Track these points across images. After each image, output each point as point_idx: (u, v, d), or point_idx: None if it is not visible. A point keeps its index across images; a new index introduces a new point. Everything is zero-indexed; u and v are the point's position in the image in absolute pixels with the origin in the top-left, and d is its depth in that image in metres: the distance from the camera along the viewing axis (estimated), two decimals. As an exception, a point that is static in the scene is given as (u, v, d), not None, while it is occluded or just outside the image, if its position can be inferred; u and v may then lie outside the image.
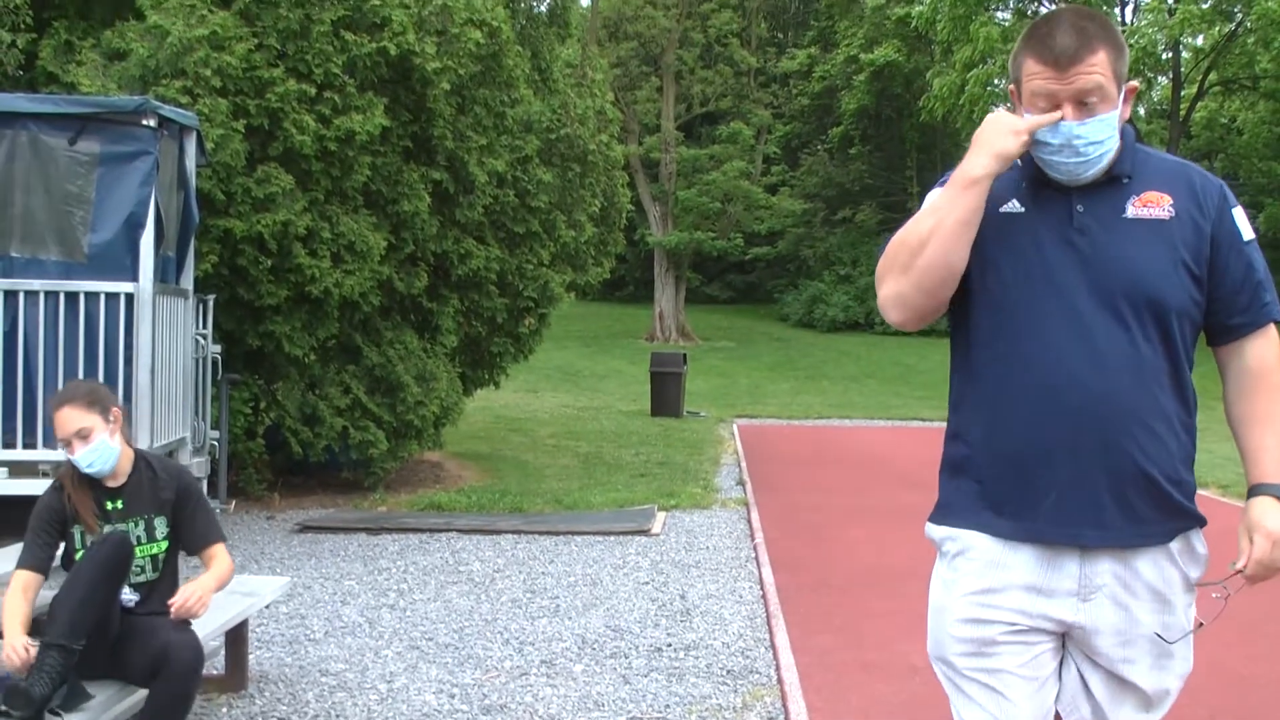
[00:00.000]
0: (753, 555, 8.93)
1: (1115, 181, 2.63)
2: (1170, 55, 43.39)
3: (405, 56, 10.01)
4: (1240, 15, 38.63)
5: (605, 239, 15.49)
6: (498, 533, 9.57)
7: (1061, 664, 2.71)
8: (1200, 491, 9.56)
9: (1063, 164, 2.59)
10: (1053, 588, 2.62)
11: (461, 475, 12.92)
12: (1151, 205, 2.60)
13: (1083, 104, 2.56)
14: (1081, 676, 2.69)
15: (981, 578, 2.67)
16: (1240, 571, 2.67)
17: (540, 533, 9.61)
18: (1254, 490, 2.67)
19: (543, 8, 14.07)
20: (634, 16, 42.87)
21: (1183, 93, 46.65)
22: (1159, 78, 49.50)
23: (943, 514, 2.78)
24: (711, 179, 41.49)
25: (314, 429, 10.41)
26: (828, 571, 8.41)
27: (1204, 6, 37.37)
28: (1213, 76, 46.69)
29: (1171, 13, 38.19)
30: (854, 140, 49.68)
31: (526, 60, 12.42)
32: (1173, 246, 2.57)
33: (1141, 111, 55.41)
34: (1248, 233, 2.64)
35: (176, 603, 4.16)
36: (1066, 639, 2.69)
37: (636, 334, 41.27)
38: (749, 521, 10.40)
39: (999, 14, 42.20)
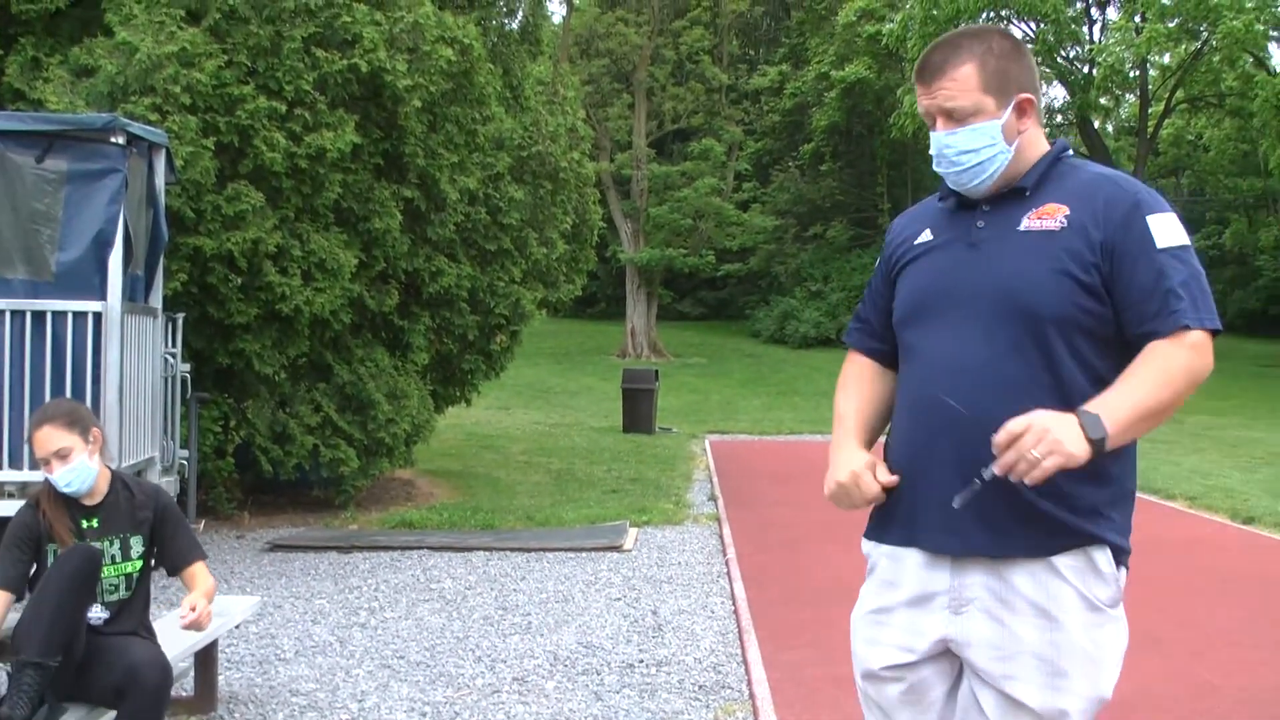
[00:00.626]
0: (725, 570, 8.94)
1: (1019, 195, 2.70)
2: (1138, 73, 43.69)
3: (376, 74, 10.00)
4: (1206, 34, 38.93)
5: (577, 256, 15.50)
6: (469, 550, 9.55)
7: (958, 681, 2.72)
8: (1167, 503, 9.65)
9: (945, 174, 2.76)
10: (931, 596, 2.68)
11: (433, 493, 12.90)
12: (1045, 217, 2.64)
13: (950, 116, 2.67)
14: (974, 694, 2.66)
15: (879, 596, 2.81)
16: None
17: (512, 549, 9.59)
18: None
19: (514, 25, 14.07)
20: (606, 34, 42.95)
21: (1150, 110, 46.99)
22: (1127, 95, 49.89)
23: (866, 528, 2.92)
24: (683, 196, 41.55)
25: (284, 447, 10.36)
26: (800, 586, 8.42)
27: (1170, 26, 37.67)
28: (1179, 94, 47.06)
29: (1139, 31, 38.47)
30: (825, 157, 49.87)
31: (498, 78, 12.42)
32: (1055, 256, 2.58)
33: (1110, 129, 55.81)
34: (1166, 240, 2.55)
35: (187, 619, 4.15)
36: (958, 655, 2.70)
37: (608, 351, 41.27)
38: (721, 537, 10.40)
39: (969, 31, 42.21)
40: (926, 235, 2.83)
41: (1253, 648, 6.92)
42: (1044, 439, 2.39)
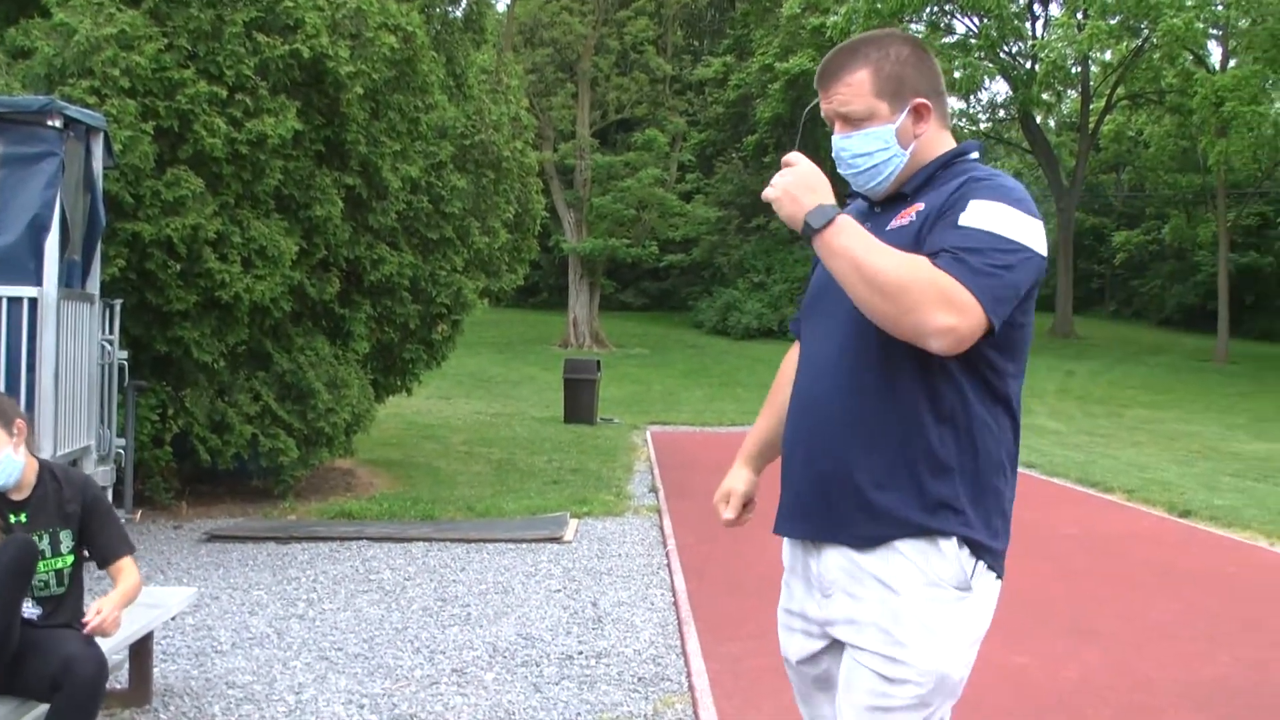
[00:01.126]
0: (665, 562, 8.96)
1: (902, 199, 2.76)
2: (1079, 69, 44.11)
3: (318, 60, 9.92)
4: (1146, 31, 39.39)
5: (519, 245, 15.46)
6: (409, 540, 9.51)
7: None
8: (1105, 496, 9.74)
9: (845, 176, 2.83)
10: (809, 582, 2.84)
11: (373, 483, 12.83)
12: (907, 216, 2.69)
13: (846, 119, 2.76)
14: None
15: (787, 587, 2.99)
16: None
17: (452, 540, 9.56)
18: None
19: (458, 13, 14.00)
20: (550, 23, 42.82)
21: (1091, 106, 47.51)
22: (1069, 91, 50.34)
23: None
24: (626, 186, 41.51)
25: (223, 436, 10.27)
26: (740, 578, 8.44)
27: (1112, 23, 38.07)
28: (1120, 91, 47.63)
29: (1081, 28, 38.82)
30: (768, 148, 49.93)
31: (441, 66, 12.35)
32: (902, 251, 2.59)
33: (1052, 124, 56.32)
34: (972, 221, 2.53)
35: (91, 623, 4.08)
36: None
37: (550, 340, 41.22)
38: (661, 528, 10.42)
39: (913, 25, 42.66)
40: None
41: (1189, 640, 7.01)
42: (788, 179, 2.66)
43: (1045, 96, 45.17)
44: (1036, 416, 24.20)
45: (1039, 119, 49.63)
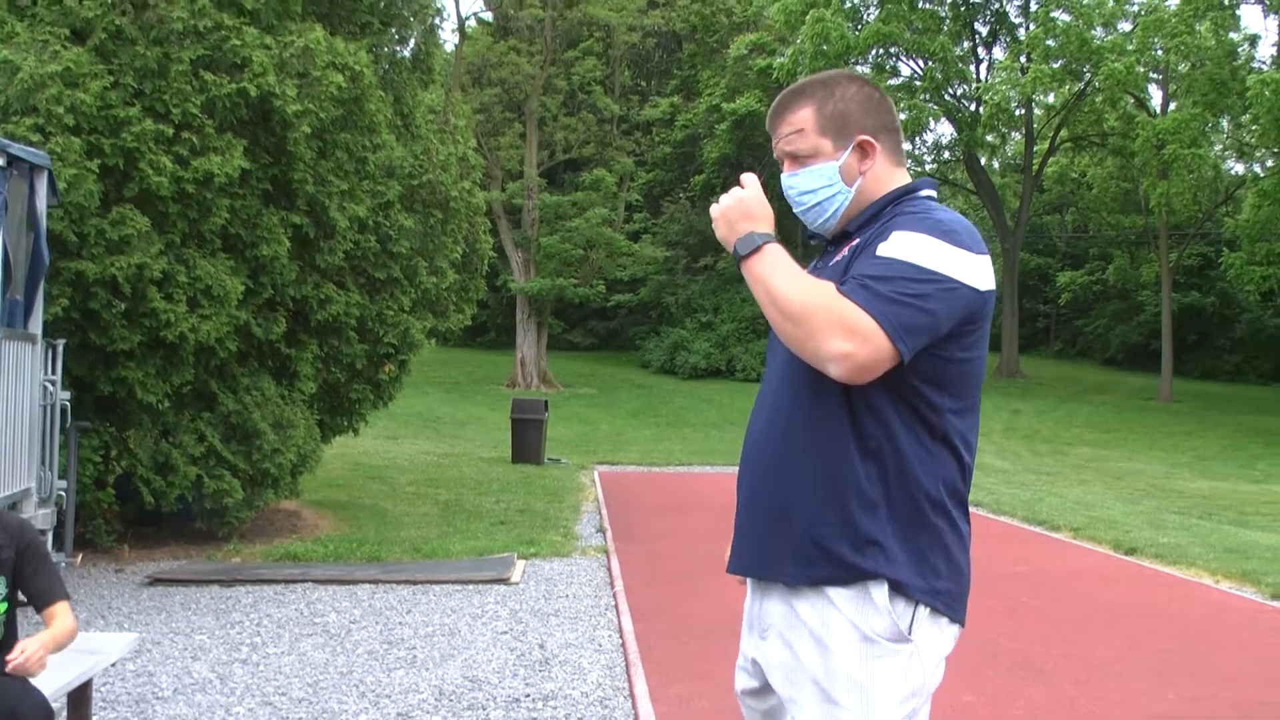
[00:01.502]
0: (612, 603, 8.91)
1: (846, 237, 2.79)
2: (1023, 112, 44.65)
3: (265, 98, 9.88)
4: (1089, 75, 39.95)
5: (467, 285, 15.42)
6: (354, 583, 9.43)
7: None
8: (1052, 535, 9.81)
9: (797, 214, 2.84)
10: (751, 621, 2.83)
11: (319, 524, 12.72)
12: (840, 253, 2.73)
13: (793, 158, 2.81)
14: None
15: (744, 621, 2.91)
16: None
17: (398, 582, 9.49)
18: None
19: (406, 53, 13.98)
20: (498, 63, 42.92)
21: (1035, 148, 48.05)
22: (1013, 133, 50.94)
23: None
24: (574, 226, 41.56)
25: (167, 478, 10.15)
26: (687, 620, 8.41)
27: (1054, 66, 38.63)
28: (1064, 133, 48.21)
29: (1024, 71, 39.33)
30: (715, 188, 50.15)
31: (389, 105, 12.32)
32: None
33: (996, 165, 56.92)
34: (891, 251, 2.54)
35: (14, 660, 3.99)
36: None
37: (498, 380, 41.13)
38: (609, 569, 10.37)
39: (859, 67, 43.09)
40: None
41: (1133, 677, 7.05)
42: (729, 202, 2.72)
43: (989, 138, 45.74)
44: (983, 455, 24.33)
45: (983, 160, 50.13)
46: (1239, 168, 46.18)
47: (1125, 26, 40.49)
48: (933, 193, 2.81)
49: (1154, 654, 7.71)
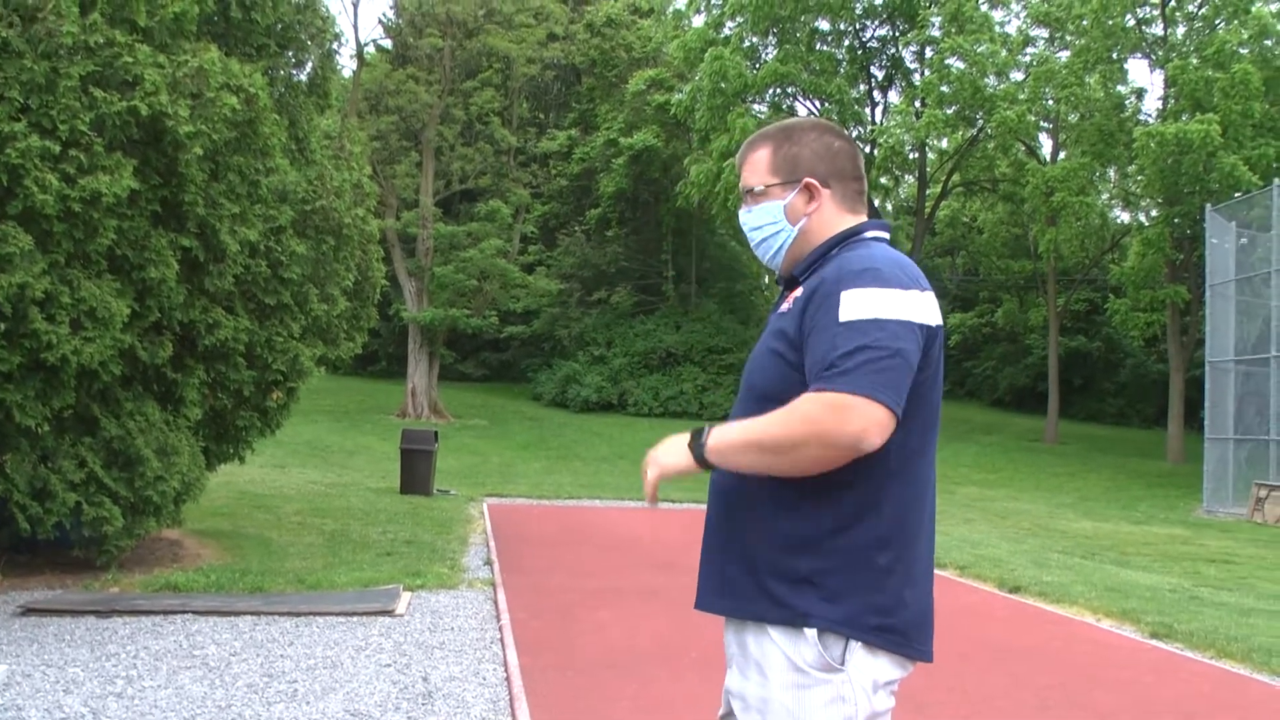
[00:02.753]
0: (498, 636, 8.83)
1: (795, 283, 2.88)
2: (917, 156, 45.36)
3: (157, 118, 9.70)
4: (981, 122, 40.70)
5: (358, 313, 15.25)
6: (236, 614, 9.24)
7: None
8: (938, 572, 9.87)
9: (751, 249, 3.06)
10: (728, 652, 2.90)
11: (201, 554, 12.47)
12: (789, 302, 2.83)
13: (749, 194, 2.98)
14: None
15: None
16: None
17: (281, 614, 9.32)
18: None
19: (302, 77, 13.84)
20: (396, 90, 42.71)
21: (928, 191, 48.82)
22: (906, 176, 51.71)
23: None
24: (469, 256, 41.41)
25: (44, 504, 9.87)
26: (573, 654, 8.35)
27: (948, 112, 39.25)
28: (956, 178, 49.08)
29: (919, 116, 39.95)
30: (611, 222, 50.48)
31: (283, 129, 12.17)
32: (777, 337, 2.79)
33: (890, 207, 57.73)
34: (851, 313, 2.61)
35: None
36: None
37: (388, 410, 40.79)
38: (495, 602, 10.28)
39: (756, 106, 43.53)
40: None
41: (1015, 713, 7.14)
42: (653, 455, 2.85)
43: (883, 180, 46.32)
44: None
45: (877, 202, 50.77)
46: (1125, 216, 47.24)
47: (1017, 76, 41.29)
48: (881, 234, 2.90)
49: (1036, 691, 7.79)
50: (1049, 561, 14.65)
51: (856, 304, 2.61)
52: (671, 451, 2.81)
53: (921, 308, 2.67)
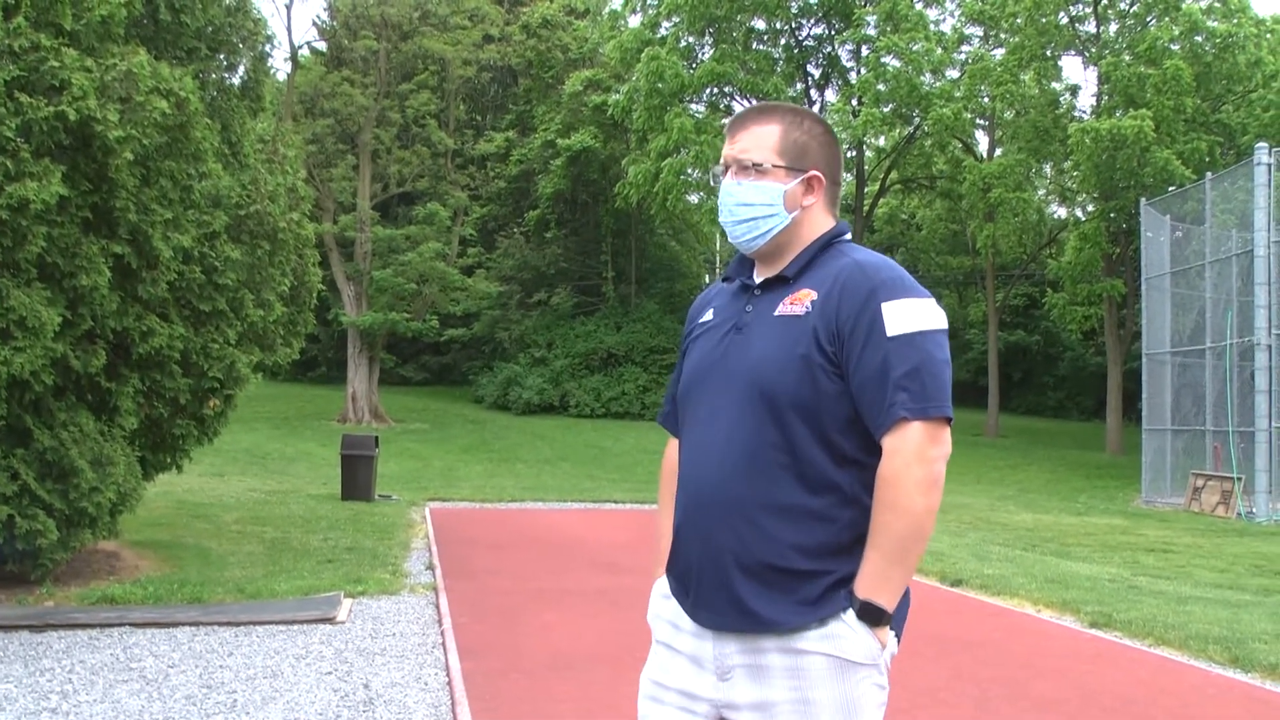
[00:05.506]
0: (440, 641, 8.78)
1: (783, 282, 2.81)
2: (854, 154, 45.63)
3: (86, 123, 9.56)
4: (918, 120, 40.97)
5: (295, 319, 15.09)
6: (174, 625, 9.13)
7: None
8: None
9: (723, 224, 2.89)
10: (700, 662, 2.78)
11: (138, 565, 12.30)
12: (796, 303, 2.74)
13: (743, 167, 2.84)
14: None
15: (659, 659, 2.92)
16: None
17: (220, 624, 9.22)
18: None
19: (235, 80, 13.70)
20: (331, 93, 42.44)
21: (866, 189, 49.11)
22: (844, 174, 51.97)
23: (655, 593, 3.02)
24: (407, 259, 41.21)
25: (-25, 517, 9.73)
26: (517, 657, 8.31)
27: (885, 110, 39.48)
28: (894, 175, 49.39)
29: (856, 114, 40.14)
30: (550, 224, 50.38)
31: (216, 133, 12.04)
32: (796, 340, 2.67)
33: (830, 205, 58.02)
34: (898, 327, 2.61)
35: None
36: None
37: (328, 415, 40.53)
38: (437, 606, 10.22)
39: (693, 106, 43.62)
40: (708, 316, 2.96)
41: (956, 705, 7.19)
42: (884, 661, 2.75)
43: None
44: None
45: (815, 200, 50.94)
46: (1061, 212, 47.64)
47: (953, 74, 41.62)
48: (850, 235, 2.92)
49: (977, 682, 7.84)
50: (990, 554, 14.74)
51: (901, 315, 2.62)
52: (874, 649, 2.71)
53: (942, 313, 2.71)
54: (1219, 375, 24.25)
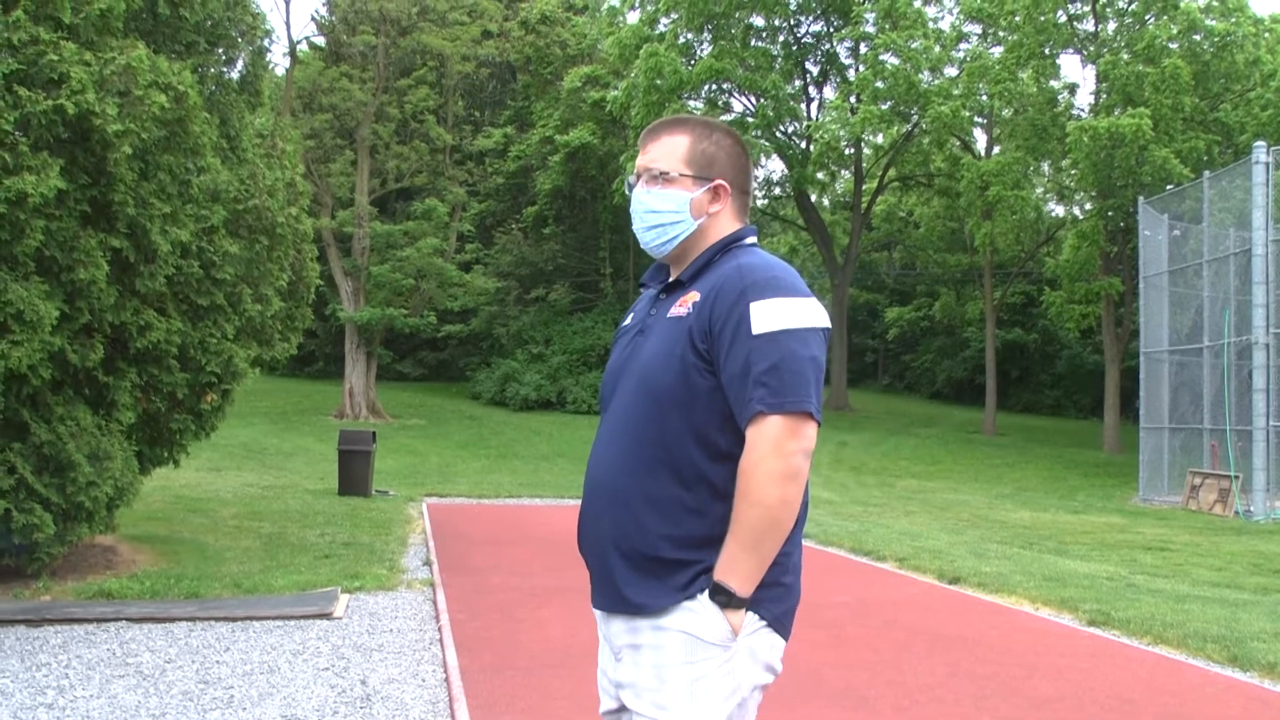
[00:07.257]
0: (437, 637, 8.77)
1: (680, 286, 2.95)
2: (852, 151, 45.61)
3: (84, 116, 9.54)
4: (916, 118, 40.97)
5: (293, 313, 15.08)
6: (171, 620, 9.12)
7: None
8: (878, 565, 9.99)
9: (635, 230, 3.03)
10: (608, 643, 2.96)
11: (135, 560, 12.29)
12: (683, 305, 2.87)
13: (653, 176, 2.98)
14: None
15: (601, 647, 3.05)
16: None
17: (217, 619, 9.20)
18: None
19: (233, 74, 13.66)
20: (329, 88, 42.40)
21: (864, 186, 49.10)
22: (843, 171, 51.95)
23: None
24: (405, 255, 41.20)
25: (-29, 511, 9.71)
26: (513, 653, 8.29)
27: (883, 108, 39.48)
28: (892, 172, 49.40)
29: (854, 111, 40.14)
30: (548, 220, 50.37)
31: (214, 127, 12.02)
32: (676, 340, 2.81)
33: (826, 202, 58.01)
34: (763, 325, 2.71)
35: None
36: None
37: (326, 411, 40.51)
38: (435, 602, 10.21)
39: (691, 102, 43.58)
40: (628, 320, 3.12)
41: (954, 703, 7.17)
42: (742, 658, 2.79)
43: (819, 176, 46.53)
44: (811, 487, 24.56)
45: (814, 197, 51.02)
46: (1059, 210, 47.69)
47: (952, 72, 41.65)
48: (755, 240, 3.02)
49: (975, 680, 7.83)
50: (988, 552, 14.74)
51: (767, 315, 2.71)
52: (724, 630, 2.75)
53: (818, 311, 2.79)
54: (1216, 374, 24.25)
